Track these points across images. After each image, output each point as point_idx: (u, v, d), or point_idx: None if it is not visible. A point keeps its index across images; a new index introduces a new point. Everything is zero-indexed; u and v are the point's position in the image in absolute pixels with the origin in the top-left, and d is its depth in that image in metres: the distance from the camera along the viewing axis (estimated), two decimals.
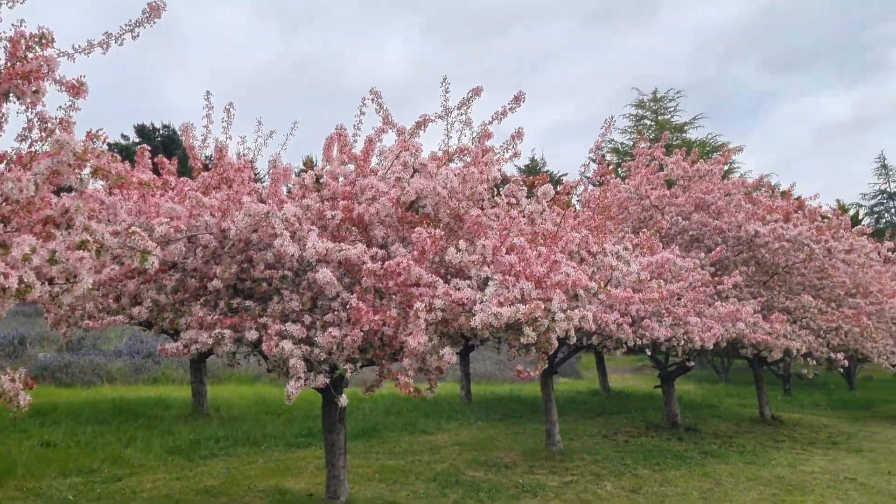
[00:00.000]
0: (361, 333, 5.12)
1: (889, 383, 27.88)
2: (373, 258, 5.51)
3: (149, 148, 6.84)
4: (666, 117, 38.14)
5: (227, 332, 5.44)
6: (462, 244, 5.41)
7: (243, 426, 11.01)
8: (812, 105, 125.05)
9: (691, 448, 10.95)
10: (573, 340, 6.22)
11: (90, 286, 4.12)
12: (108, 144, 4.73)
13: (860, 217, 44.17)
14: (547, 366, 7.67)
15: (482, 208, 6.00)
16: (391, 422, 12.43)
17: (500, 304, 5.02)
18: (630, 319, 8.09)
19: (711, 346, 8.74)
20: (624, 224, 11.03)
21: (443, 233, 5.48)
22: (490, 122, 6.63)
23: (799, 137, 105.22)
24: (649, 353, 9.44)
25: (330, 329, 5.22)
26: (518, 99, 6.65)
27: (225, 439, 9.95)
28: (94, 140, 4.03)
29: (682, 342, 8.57)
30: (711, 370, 28.81)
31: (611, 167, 13.14)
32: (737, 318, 9.28)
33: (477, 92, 6.60)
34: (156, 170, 6.95)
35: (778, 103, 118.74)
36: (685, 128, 37.82)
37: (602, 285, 5.86)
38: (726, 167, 19.54)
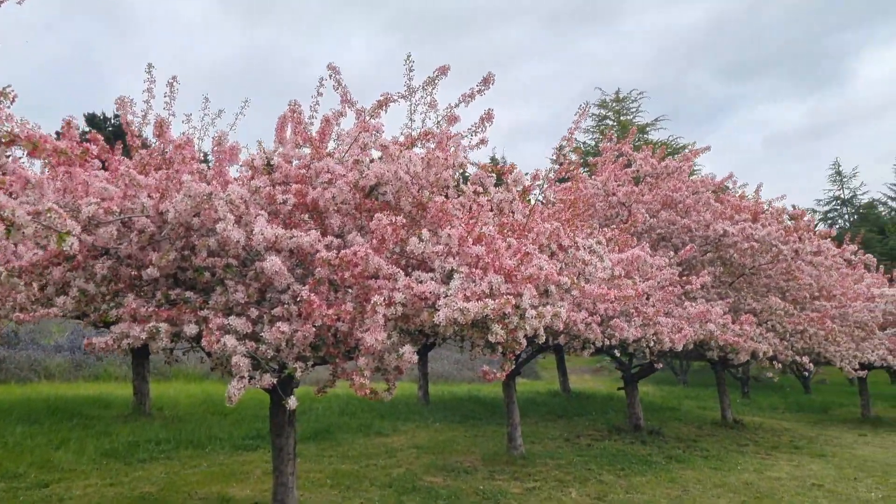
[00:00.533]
0: (314, 329, 4.63)
1: (842, 387, 28.20)
2: (328, 247, 5.02)
3: (101, 137, 6.24)
4: (628, 118, 38.18)
5: (164, 325, 4.88)
6: (425, 233, 4.94)
7: (187, 427, 10.37)
8: (767, 113, 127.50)
9: (655, 452, 10.64)
10: (542, 339, 5.81)
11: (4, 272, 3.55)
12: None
13: (815, 223, 44.89)
14: (513, 366, 7.27)
15: (447, 196, 5.55)
16: (345, 423, 11.90)
17: (467, 299, 4.57)
18: (598, 318, 7.71)
19: (681, 348, 8.42)
20: (591, 221, 10.68)
21: (404, 221, 5.01)
22: (457, 105, 6.18)
23: (753, 144, 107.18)
24: (617, 354, 9.08)
25: (278, 324, 4.72)
26: (487, 81, 6.20)
27: (167, 441, 9.33)
28: (3, 98, 3.47)
29: (652, 343, 8.22)
30: (670, 372, 28.83)
31: (573, 167, 12.81)
32: (707, 318, 8.98)
33: (443, 71, 6.14)
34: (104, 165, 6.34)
35: (734, 110, 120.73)
36: (647, 129, 37.91)
37: (574, 280, 5.46)
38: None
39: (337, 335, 4.96)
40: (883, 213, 46.02)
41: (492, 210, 5.62)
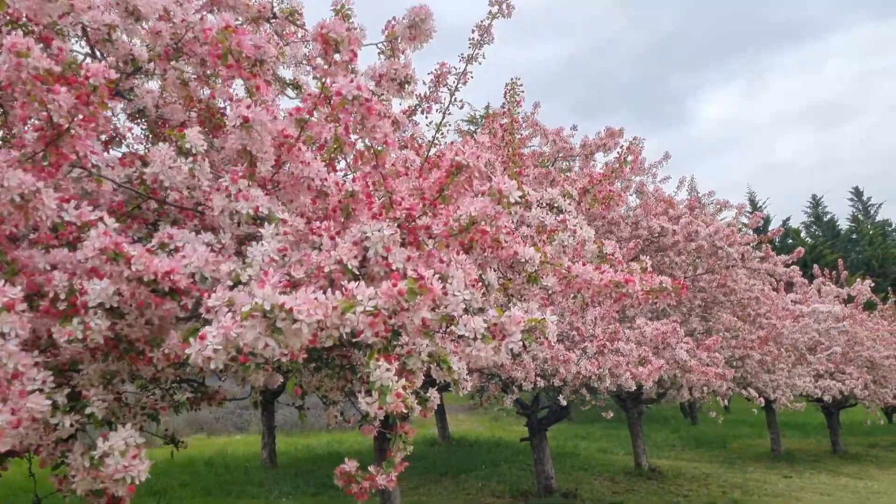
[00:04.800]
0: None
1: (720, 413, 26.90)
2: None
3: None
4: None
5: None
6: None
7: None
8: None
9: None
10: (465, 387, 2.80)
11: None
12: None
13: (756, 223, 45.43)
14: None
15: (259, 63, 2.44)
16: None
17: (288, 291, 1.47)
18: (551, 348, 4.78)
19: (650, 385, 5.63)
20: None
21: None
22: None
23: None
24: (562, 400, 6.09)
25: None
26: None
27: None
28: None
29: (608, 381, 5.35)
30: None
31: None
32: (666, 342, 6.28)
33: None
34: None
35: None
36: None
37: (546, 256, 2.50)
38: None
39: None
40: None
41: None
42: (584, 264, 2.41)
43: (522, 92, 3.62)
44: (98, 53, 2.75)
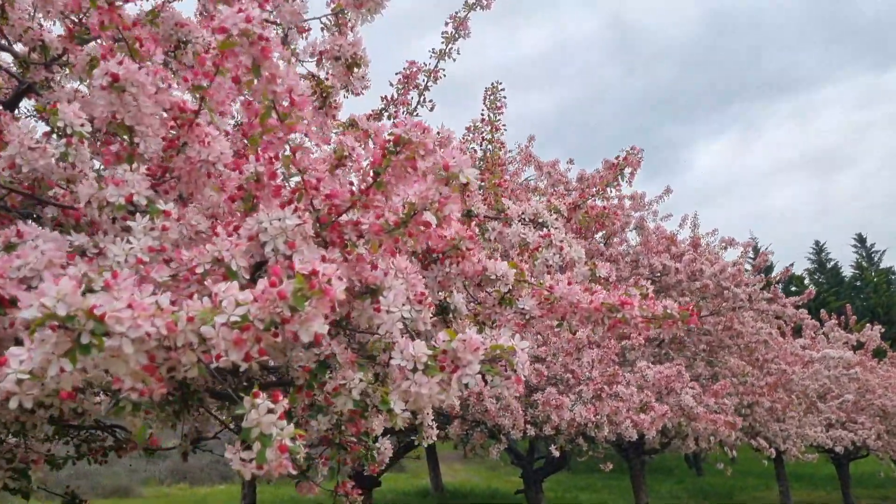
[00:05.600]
0: None
1: (727, 464, 26.08)
2: None
3: None
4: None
5: None
6: None
7: None
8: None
9: None
10: (430, 436, 2.35)
11: None
12: None
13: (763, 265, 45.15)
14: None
15: None
16: None
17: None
18: (521, 388, 4.28)
19: (654, 435, 5.10)
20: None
21: None
22: None
23: None
24: (554, 451, 5.51)
25: None
26: None
27: None
28: None
29: (606, 430, 4.81)
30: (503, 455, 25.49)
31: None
32: (669, 386, 5.75)
33: None
34: None
35: None
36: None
37: (524, 274, 2.02)
38: None
39: None
40: None
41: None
42: (570, 282, 1.94)
43: (504, 98, 3.19)
44: None
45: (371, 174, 1.38)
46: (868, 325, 15.06)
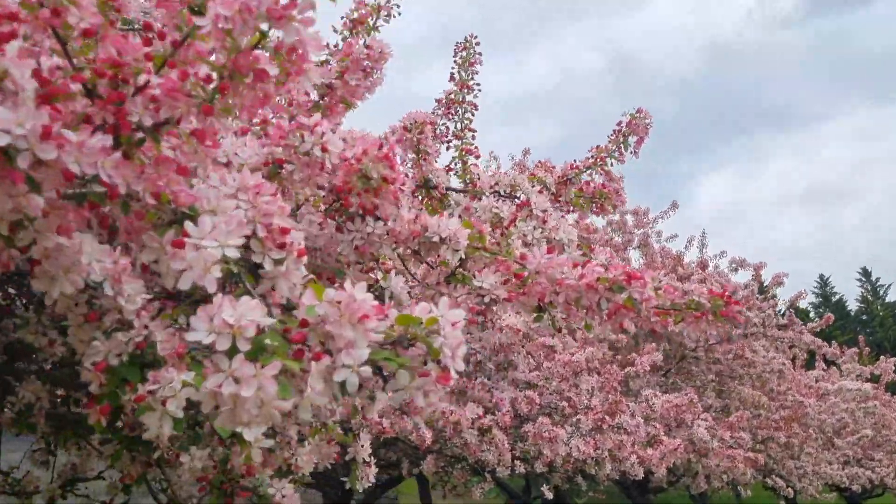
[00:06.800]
0: None
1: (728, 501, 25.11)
2: None
3: None
4: None
5: None
6: None
7: None
8: None
9: None
10: (368, 476, 1.68)
11: None
12: None
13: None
14: None
15: None
16: None
17: None
18: (509, 418, 3.62)
19: (663, 473, 4.42)
20: None
21: None
22: None
23: None
24: (547, 493, 4.78)
25: None
26: None
27: None
28: None
29: (608, 467, 4.13)
30: (497, 491, 24.60)
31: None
32: (679, 417, 5.07)
33: None
34: None
35: None
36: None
37: (488, 239, 1.39)
38: None
39: None
40: None
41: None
42: (550, 250, 1.33)
43: (480, 55, 2.59)
44: None
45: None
46: (883, 358, 14.41)
